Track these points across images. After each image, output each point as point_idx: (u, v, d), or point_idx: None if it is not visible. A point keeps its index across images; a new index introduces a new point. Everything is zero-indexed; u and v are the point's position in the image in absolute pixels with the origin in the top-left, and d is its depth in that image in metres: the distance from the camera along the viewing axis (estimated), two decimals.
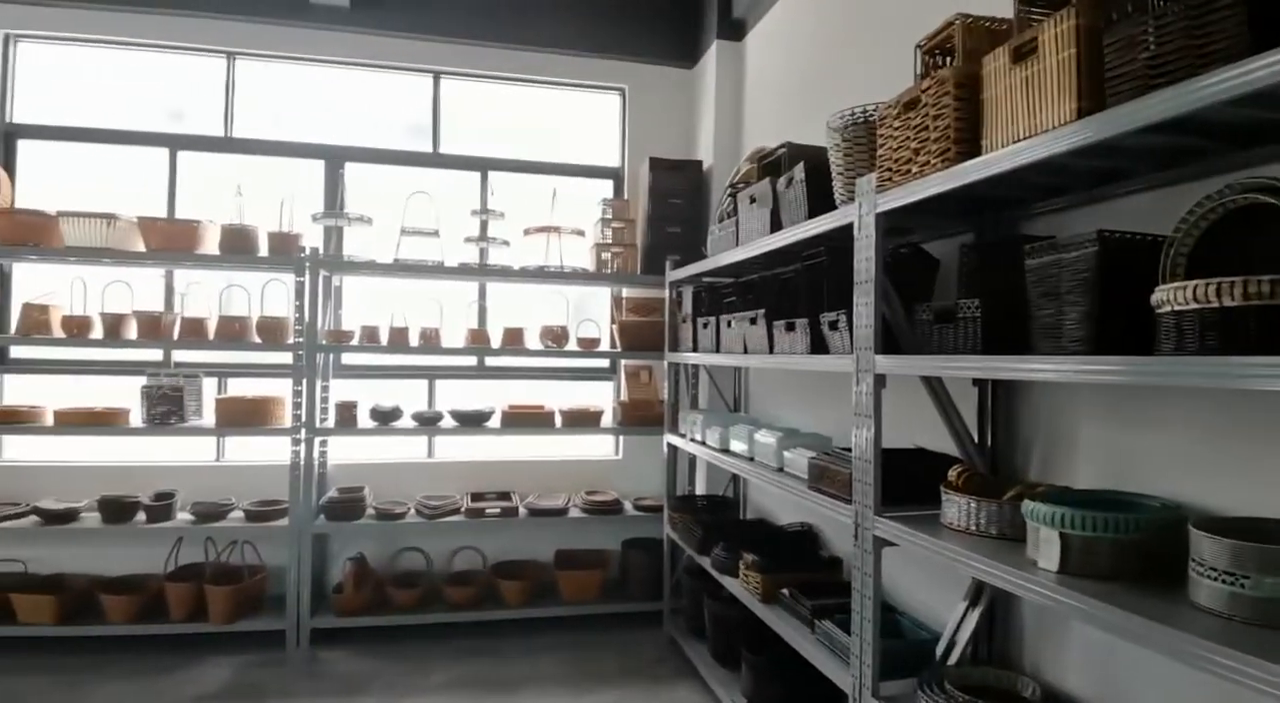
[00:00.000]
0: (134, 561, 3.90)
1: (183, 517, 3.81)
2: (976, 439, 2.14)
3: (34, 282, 4.02)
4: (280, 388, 3.91)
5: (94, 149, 4.17)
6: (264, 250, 3.88)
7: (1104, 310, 1.44)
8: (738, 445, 2.98)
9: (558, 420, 4.08)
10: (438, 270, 4.02)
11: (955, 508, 1.80)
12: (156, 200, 4.19)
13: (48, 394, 3.94)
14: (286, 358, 3.83)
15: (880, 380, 1.96)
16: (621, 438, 4.55)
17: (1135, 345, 1.39)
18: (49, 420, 3.66)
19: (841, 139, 2.13)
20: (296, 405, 3.78)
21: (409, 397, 4.25)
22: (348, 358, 4.31)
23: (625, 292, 4.46)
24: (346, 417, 3.91)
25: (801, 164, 2.37)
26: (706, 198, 4.24)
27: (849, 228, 2.05)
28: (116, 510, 3.69)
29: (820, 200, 2.28)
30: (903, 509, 1.94)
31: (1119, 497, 1.65)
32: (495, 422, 4.05)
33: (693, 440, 3.47)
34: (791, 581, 2.64)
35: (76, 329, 3.67)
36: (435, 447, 4.44)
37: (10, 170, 3.97)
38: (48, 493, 3.86)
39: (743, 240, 2.84)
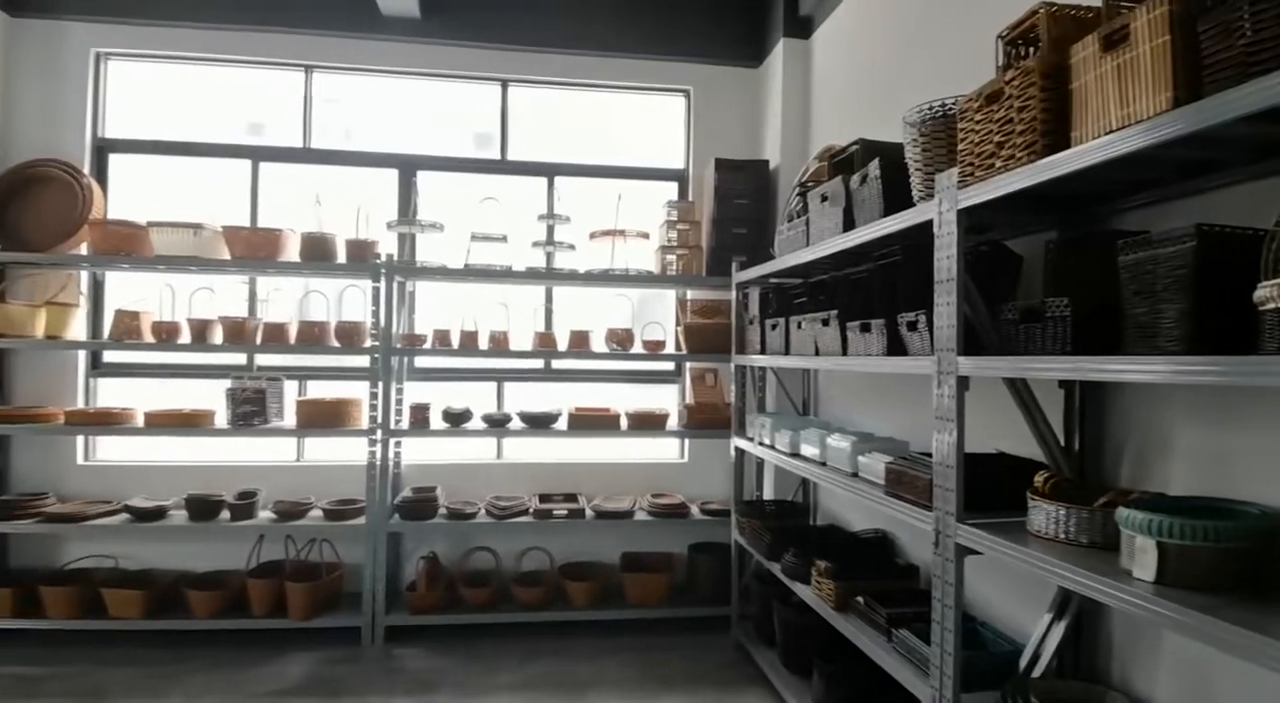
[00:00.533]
0: (218, 557, 4.06)
1: (264, 515, 3.95)
2: (1063, 443, 2.05)
3: (126, 289, 4.23)
4: (358, 390, 4.01)
5: (181, 161, 4.35)
6: (342, 257, 4.00)
7: (1202, 308, 1.37)
8: (809, 449, 2.93)
9: (623, 423, 4.09)
10: (506, 275, 4.08)
11: (1043, 515, 1.73)
12: (240, 210, 4.35)
13: (138, 397, 4.14)
14: (363, 361, 3.94)
15: (963, 383, 1.90)
16: (687, 441, 4.54)
17: (1235, 344, 1.32)
18: (139, 422, 3.84)
19: (919, 134, 2.08)
20: (373, 407, 3.88)
21: (479, 399, 4.32)
22: (421, 361, 4.40)
23: (690, 294, 4.44)
24: (419, 418, 4.00)
25: (877, 160, 2.32)
26: (773, 198, 4.20)
27: (927, 225, 2.00)
28: (202, 509, 3.84)
29: (895, 198, 2.23)
30: (985, 516, 1.88)
31: (1216, 503, 1.57)
32: (562, 424, 4.08)
33: (761, 444, 3.43)
34: (866, 588, 2.58)
35: (165, 334, 3.85)
36: (504, 448, 4.50)
37: (103, 183, 4.18)
38: (138, 492, 4.05)
39: (813, 240, 2.79)
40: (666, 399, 4.62)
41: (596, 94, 4.66)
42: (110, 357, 4.26)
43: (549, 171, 4.56)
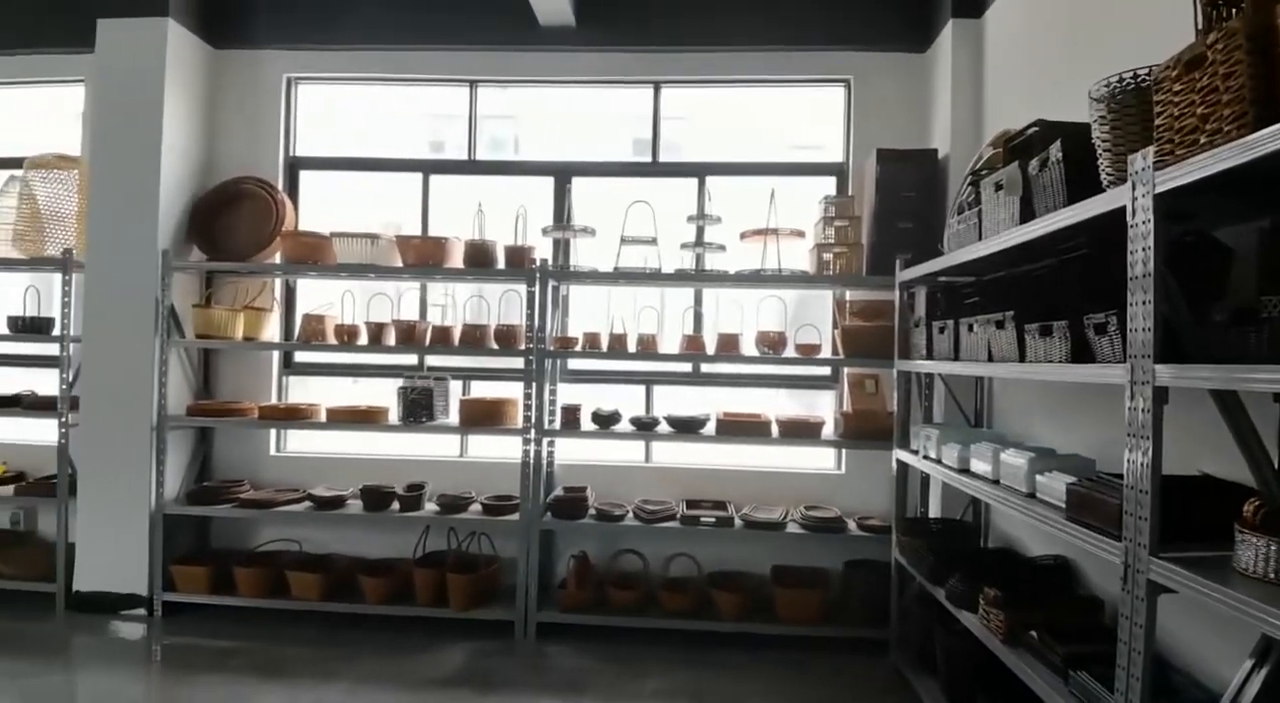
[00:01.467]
0: (389, 545, 4.31)
1: (430, 507, 4.15)
2: (1278, 467, 1.72)
3: (313, 295, 4.60)
4: (515, 391, 4.13)
5: (360, 176, 4.69)
6: (501, 263, 4.14)
7: None
8: (979, 466, 2.66)
9: (774, 430, 3.95)
10: (654, 277, 4.06)
11: (1251, 550, 1.46)
12: (412, 219, 4.62)
13: (321, 394, 4.50)
14: (520, 363, 4.05)
15: (1161, 394, 1.63)
16: (844, 451, 4.31)
17: None
18: (322, 417, 4.15)
19: (1108, 110, 1.82)
20: (527, 408, 3.98)
21: (628, 401, 4.32)
22: (573, 363, 4.47)
23: (849, 294, 4.22)
24: (570, 419, 4.06)
25: (1058, 143, 2.06)
26: (941, 190, 3.90)
27: (1118, 214, 1.74)
28: (375, 499, 4.10)
29: (1081, 184, 1.96)
30: (1183, 549, 1.61)
31: None
32: (710, 429, 4.00)
33: (926, 458, 3.18)
34: (1040, 621, 2.31)
35: (346, 336, 4.14)
36: (652, 451, 4.48)
37: (294, 198, 4.57)
38: (320, 481, 4.39)
39: (986, 234, 2.54)
40: (822, 406, 4.42)
41: (750, 90, 4.55)
42: (299, 357, 4.64)
43: (699, 172, 4.49)
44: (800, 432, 3.93)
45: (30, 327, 4.17)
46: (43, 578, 4.14)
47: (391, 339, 4.13)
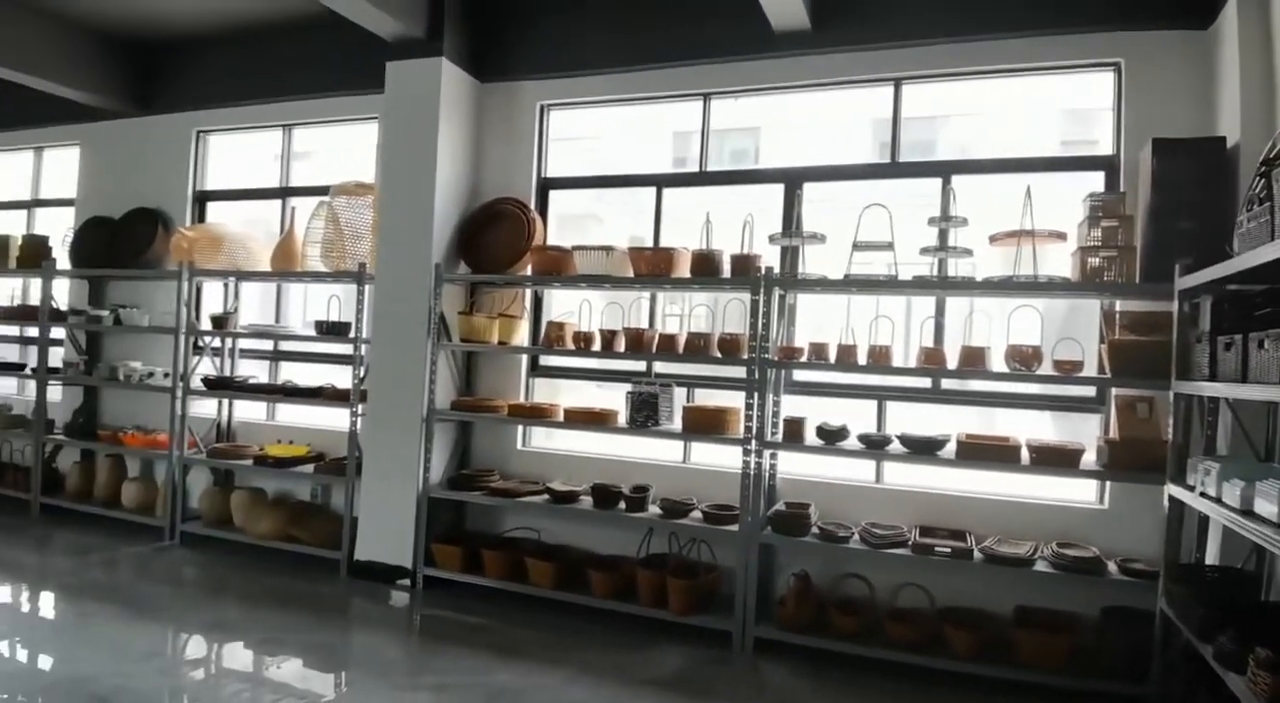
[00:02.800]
0: (615, 543, 4.49)
1: (653, 510, 4.25)
2: None
3: (557, 304, 4.95)
4: (738, 400, 4.11)
5: (607, 192, 4.97)
6: (726, 272, 4.15)
7: None
8: (1265, 507, 2.17)
9: (1024, 456, 3.54)
10: (889, 284, 3.84)
11: None
12: (645, 231, 4.80)
13: (568, 396, 4.81)
14: (742, 372, 4.03)
15: None
16: (1107, 484, 3.75)
17: None
18: (560, 417, 4.44)
19: None
20: (748, 418, 3.95)
21: (857, 417, 4.12)
22: (799, 375, 4.36)
23: (1119, 304, 3.67)
24: (794, 432, 3.95)
25: None
26: (1230, 183, 3.25)
27: None
28: (604, 497, 4.29)
29: None
30: None
31: None
32: (949, 451, 3.68)
33: (1202, 495, 2.66)
34: None
35: (582, 342, 4.39)
36: (883, 471, 4.23)
37: (544, 215, 4.94)
38: (557, 476, 4.68)
39: None
40: (1082, 431, 3.88)
41: (1003, 81, 4.14)
42: (544, 360, 5.01)
43: (944, 171, 4.16)
44: (1055, 460, 3.48)
45: (332, 329, 4.93)
46: (331, 546, 4.86)
47: (622, 346, 4.31)
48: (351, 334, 4.84)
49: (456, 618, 4.22)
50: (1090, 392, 3.88)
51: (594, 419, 4.34)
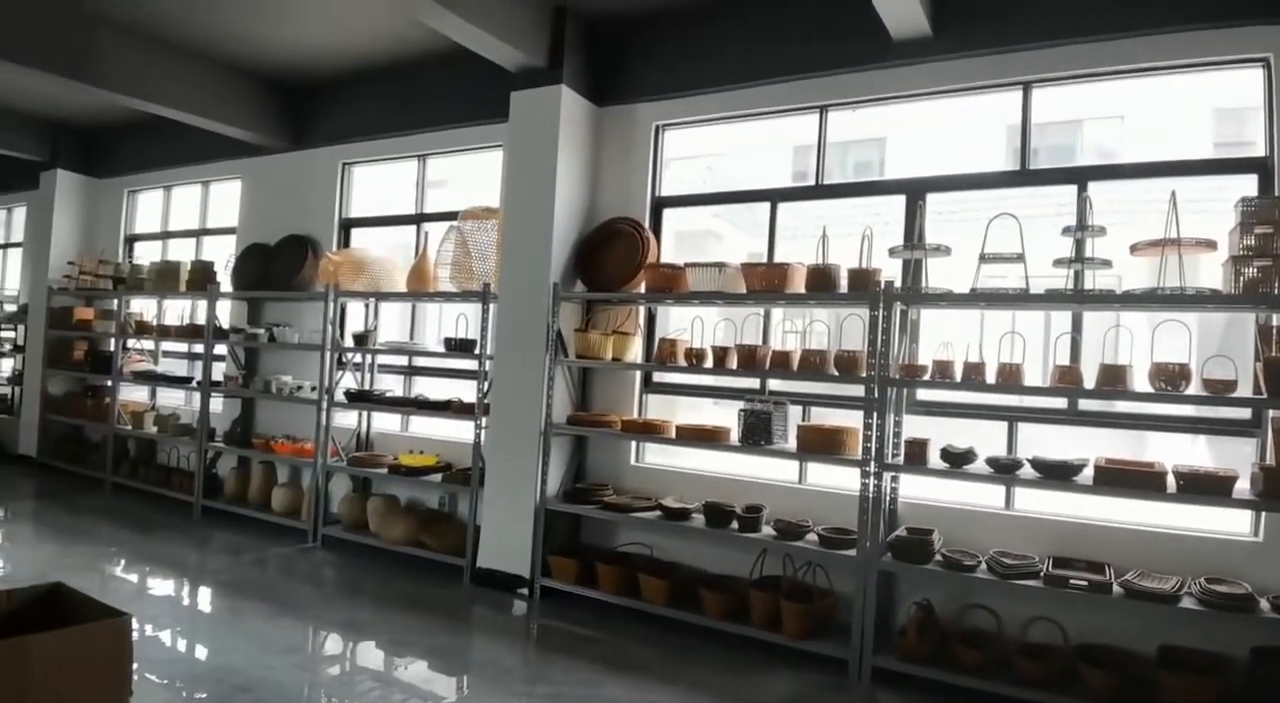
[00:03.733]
0: (726, 562, 4.45)
1: (766, 531, 4.18)
2: None
3: (672, 321, 4.98)
4: (855, 420, 3.99)
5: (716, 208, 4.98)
6: (844, 287, 4.05)
7: None
8: None
9: (1170, 483, 3.24)
10: (1020, 298, 3.62)
11: None
12: (758, 246, 4.76)
13: (683, 413, 4.82)
14: (860, 391, 3.91)
15: None
16: (1262, 514, 3.37)
17: None
18: (672, 433, 4.45)
19: None
20: (867, 438, 3.82)
21: (985, 438, 3.90)
22: (922, 394, 4.18)
23: (1276, 319, 3.31)
24: (916, 454, 3.79)
25: None
26: None
27: None
28: (716, 516, 4.25)
29: None
30: None
31: None
32: (1086, 477, 3.42)
33: None
34: None
35: (695, 359, 4.40)
36: (1014, 497, 3.97)
37: (657, 233, 5.00)
38: (669, 493, 4.68)
39: None
40: (1236, 456, 3.51)
41: (1143, 80, 3.85)
42: (656, 376, 5.05)
43: (1079, 177, 3.90)
44: (1205, 487, 3.16)
45: (459, 346, 5.17)
46: (456, 553, 5.07)
47: (734, 362, 4.28)
48: (476, 350, 5.06)
49: (571, 629, 4.29)
50: (1245, 414, 3.52)
51: (706, 436, 4.33)
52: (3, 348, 8.81)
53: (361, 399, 5.71)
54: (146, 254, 8.08)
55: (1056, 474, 3.46)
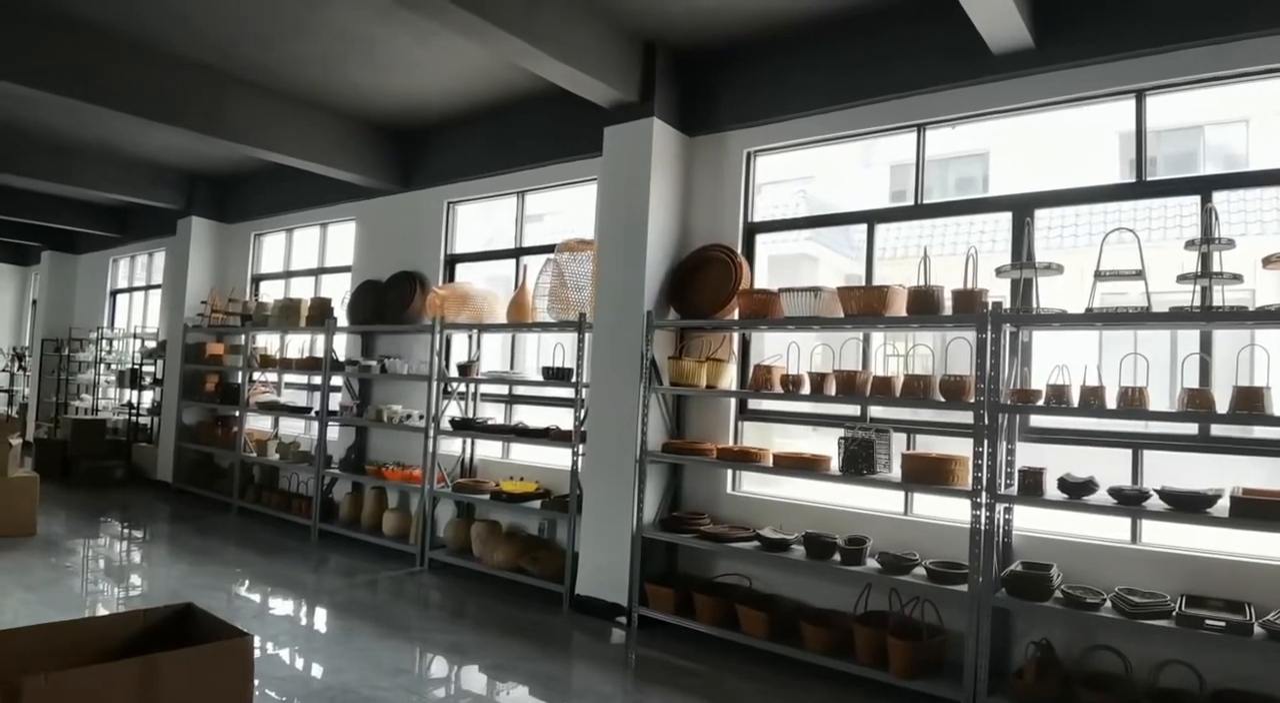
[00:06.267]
0: (829, 595, 4.32)
1: (870, 564, 4.04)
2: None
3: (767, 347, 4.93)
4: (964, 448, 3.83)
5: (812, 231, 4.91)
6: (948, 309, 3.91)
7: None
8: None
9: None
10: (1140, 317, 3.39)
11: None
12: (855, 268, 4.66)
13: (771, 440, 4.75)
14: (968, 417, 3.75)
15: None
16: None
17: None
18: (769, 462, 4.38)
19: None
20: (977, 468, 3.65)
21: (1107, 467, 3.65)
22: (1036, 420, 3.97)
23: None
24: (1031, 484, 3.59)
25: None
26: None
27: None
28: (818, 548, 4.14)
29: None
30: None
31: None
32: (1222, 508, 3.15)
33: None
34: None
35: (791, 385, 4.33)
36: (1141, 530, 3.70)
37: (750, 259, 4.97)
38: (767, 522, 4.59)
39: None
40: None
41: (1263, 83, 3.57)
42: (752, 404, 4.99)
43: (1201, 187, 3.65)
44: None
45: (557, 375, 5.27)
46: (555, 579, 5.12)
47: (832, 389, 4.18)
48: (573, 379, 5.15)
49: (669, 660, 4.25)
50: None
51: (804, 465, 4.24)
52: (144, 381, 9.58)
53: (465, 427, 5.90)
54: (271, 292, 8.65)
55: (1188, 506, 3.20)
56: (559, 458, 5.44)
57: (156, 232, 9.72)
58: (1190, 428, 3.60)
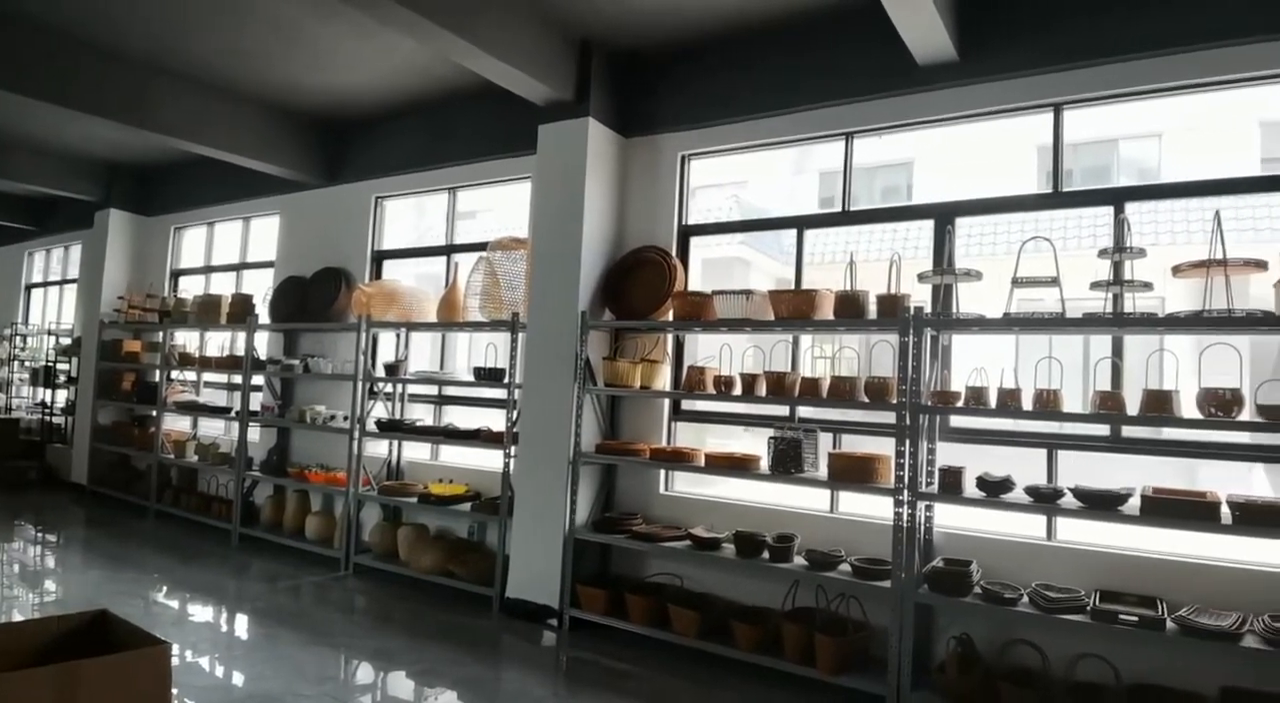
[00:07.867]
0: (759, 593, 4.36)
1: (798, 561, 4.09)
2: None
3: (701, 348, 4.95)
4: (887, 447, 3.91)
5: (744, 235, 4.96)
6: (872, 313, 3.99)
7: None
8: None
9: (1225, 514, 3.10)
10: (1057, 323, 3.52)
11: None
12: (786, 272, 4.73)
13: (714, 441, 4.78)
14: (891, 418, 3.83)
15: None
16: None
17: None
18: (701, 461, 4.40)
19: None
20: (899, 466, 3.74)
21: (1024, 467, 3.78)
22: (957, 420, 4.09)
23: None
24: (951, 482, 3.69)
25: None
26: None
27: None
28: (748, 546, 4.17)
29: None
30: None
31: None
32: (1132, 507, 3.29)
33: None
34: None
35: (723, 386, 4.36)
36: (1057, 527, 3.84)
37: (685, 262, 4.99)
38: (699, 522, 4.62)
39: None
40: None
41: (1184, 98, 3.76)
42: (685, 404, 5.01)
43: (1115, 198, 3.81)
44: (1263, 518, 3.02)
45: (488, 375, 5.19)
46: (485, 582, 5.05)
47: (763, 390, 4.23)
48: (505, 379, 5.08)
49: (600, 661, 4.23)
50: None
51: (735, 464, 4.27)
52: (59, 380, 9.09)
53: (392, 428, 5.76)
54: (191, 288, 8.30)
55: (1101, 504, 3.33)
56: (490, 460, 5.36)
57: (74, 224, 9.23)
58: (1103, 429, 3.75)
